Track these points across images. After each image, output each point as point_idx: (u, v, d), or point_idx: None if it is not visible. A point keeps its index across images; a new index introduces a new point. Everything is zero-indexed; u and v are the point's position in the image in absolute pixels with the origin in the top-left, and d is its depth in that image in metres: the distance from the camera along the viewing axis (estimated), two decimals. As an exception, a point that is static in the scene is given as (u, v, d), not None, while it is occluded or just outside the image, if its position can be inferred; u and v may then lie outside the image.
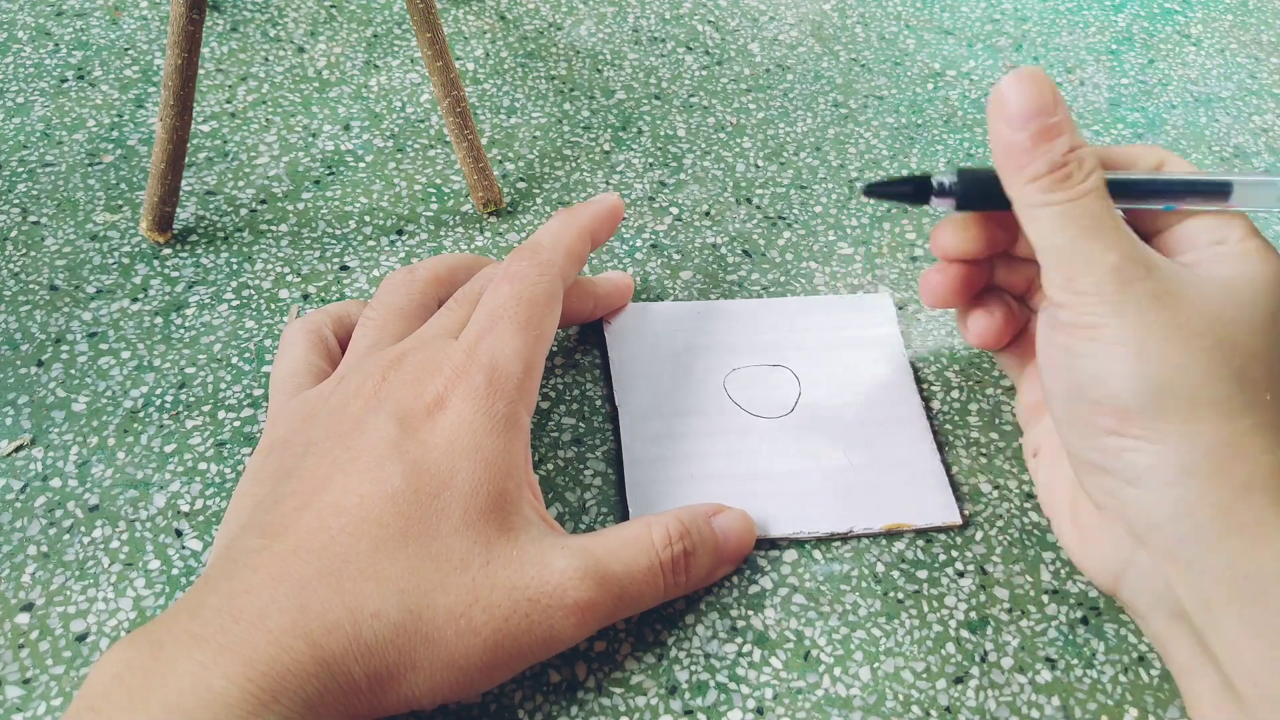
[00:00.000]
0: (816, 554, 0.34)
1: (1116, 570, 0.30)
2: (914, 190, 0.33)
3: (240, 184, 0.44)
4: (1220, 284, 0.29)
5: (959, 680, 0.31)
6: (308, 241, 0.42)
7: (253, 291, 0.40)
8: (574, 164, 0.47)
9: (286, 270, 0.41)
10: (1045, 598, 0.33)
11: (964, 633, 0.32)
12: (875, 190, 0.34)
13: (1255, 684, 0.26)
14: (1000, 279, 0.36)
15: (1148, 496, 0.28)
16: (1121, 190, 0.30)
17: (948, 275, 0.35)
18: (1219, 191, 0.30)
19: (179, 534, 0.33)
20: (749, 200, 0.46)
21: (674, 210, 0.45)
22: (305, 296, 0.40)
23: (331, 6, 0.54)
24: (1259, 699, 0.26)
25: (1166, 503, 0.28)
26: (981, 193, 0.32)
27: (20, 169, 0.44)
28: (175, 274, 0.40)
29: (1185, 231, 0.30)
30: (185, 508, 0.33)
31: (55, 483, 0.34)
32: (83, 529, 0.32)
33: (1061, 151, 0.29)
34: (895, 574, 0.33)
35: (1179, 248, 0.30)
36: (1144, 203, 0.31)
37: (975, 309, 0.35)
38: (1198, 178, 0.30)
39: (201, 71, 0.48)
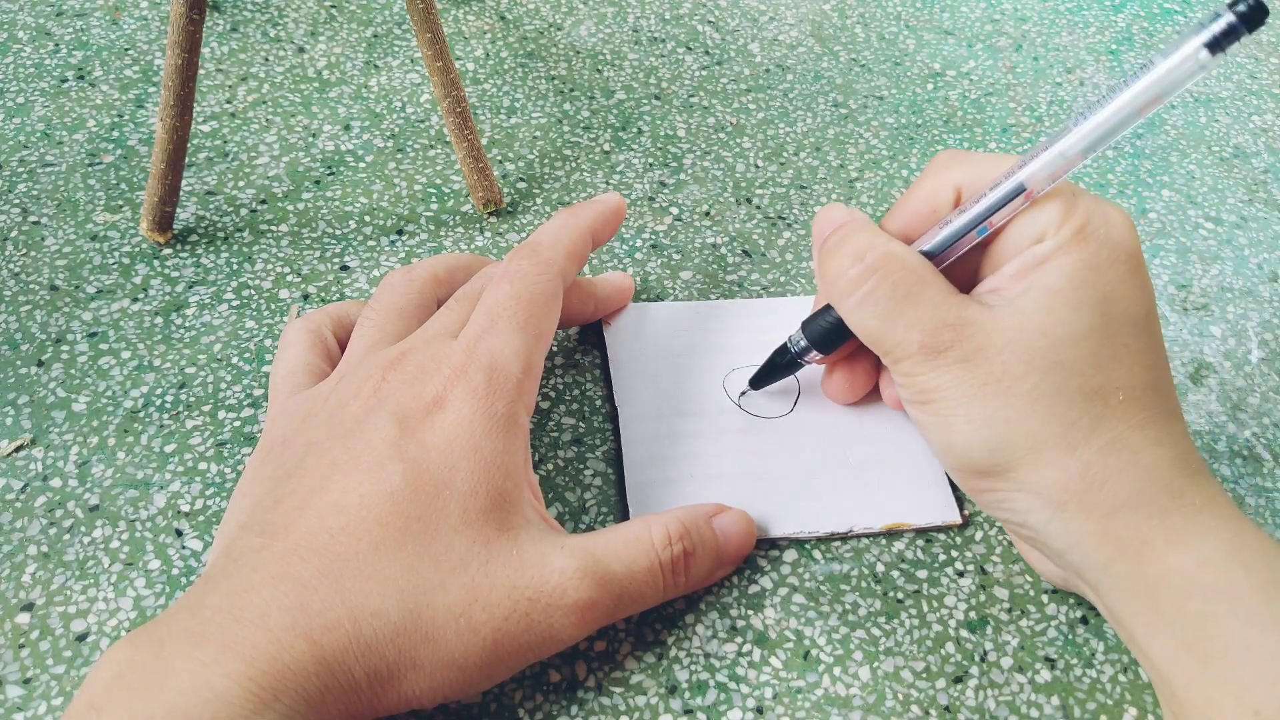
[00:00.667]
0: (816, 554, 0.34)
1: (1063, 583, 0.32)
2: (784, 363, 0.35)
3: (240, 184, 0.44)
4: (1038, 303, 0.28)
5: (959, 680, 0.31)
6: (308, 241, 0.42)
7: (253, 291, 0.40)
8: (574, 164, 0.47)
9: (286, 270, 0.41)
10: (1045, 597, 0.33)
11: (964, 632, 0.32)
12: (757, 384, 0.37)
13: (1172, 685, 0.27)
14: None
15: (1039, 534, 0.29)
16: (932, 254, 0.31)
17: (842, 380, 0.36)
18: (1017, 194, 0.29)
19: (179, 534, 0.33)
20: (749, 200, 0.46)
21: (674, 210, 0.45)
22: (305, 296, 0.40)
23: (331, 6, 0.54)
24: (1181, 698, 0.27)
25: (1055, 537, 0.29)
26: (830, 332, 0.34)
27: (20, 169, 0.44)
28: (175, 274, 0.40)
29: (1007, 240, 0.30)
30: (185, 508, 0.33)
31: (55, 483, 0.34)
32: (83, 529, 0.32)
33: (849, 254, 0.30)
34: (895, 574, 0.33)
35: (1005, 257, 0.30)
36: (960, 246, 0.31)
37: (882, 385, 0.36)
38: (987, 203, 0.30)
39: (202, 71, 0.48)
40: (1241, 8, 0.25)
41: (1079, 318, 0.28)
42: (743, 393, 0.37)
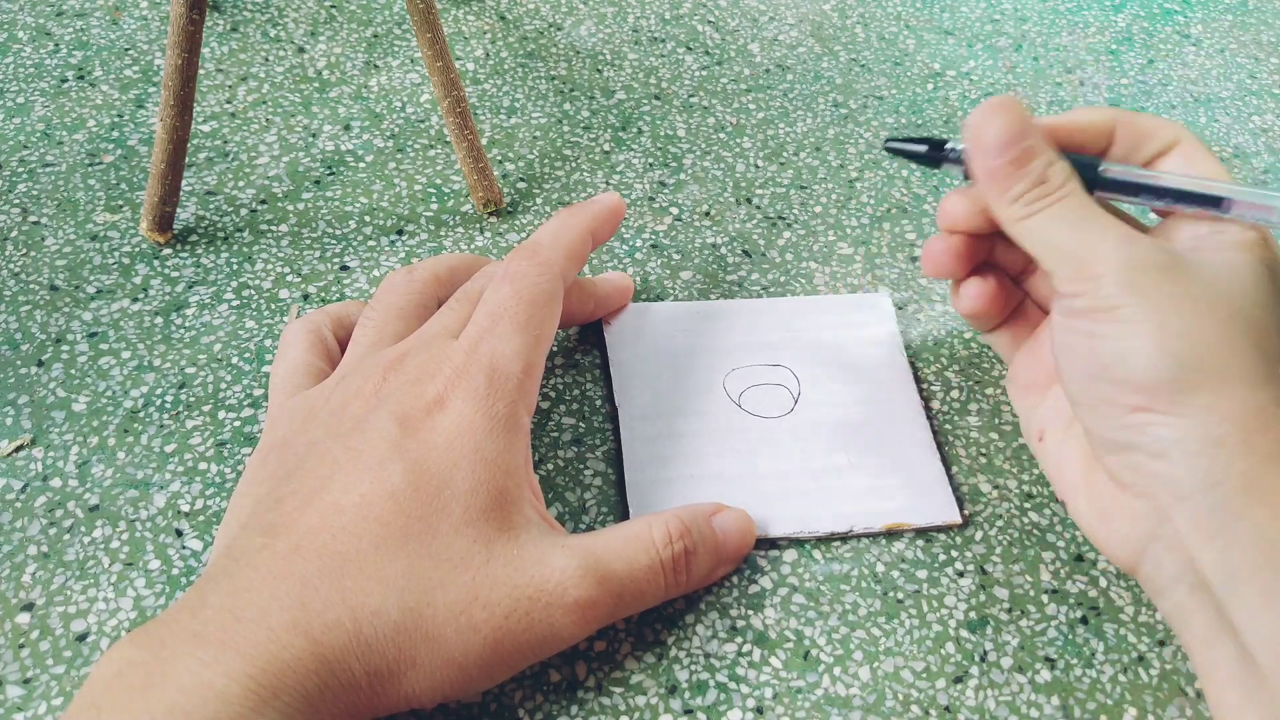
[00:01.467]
0: (816, 554, 0.34)
1: (1138, 546, 0.30)
2: (930, 152, 0.34)
3: (240, 184, 0.44)
4: (1226, 265, 0.29)
5: (959, 680, 0.31)
6: (308, 241, 0.42)
7: (253, 291, 0.40)
8: (574, 164, 0.47)
9: (286, 270, 0.41)
10: (1045, 597, 0.33)
11: (964, 632, 0.32)
12: (894, 146, 0.35)
13: (1275, 653, 0.26)
14: (998, 257, 0.36)
15: (1174, 469, 0.28)
16: (1117, 188, 0.31)
17: (950, 244, 0.35)
18: (1213, 203, 0.30)
19: (179, 534, 0.33)
20: (749, 200, 0.46)
21: (674, 210, 0.45)
22: (305, 296, 0.40)
23: (331, 6, 0.54)
24: (1266, 681, 0.26)
25: (1194, 474, 0.27)
26: None
27: (20, 169, 0.44)
28: (175, 274, 0.40)
29: (1181, 223, 0.31)
30: (185, 508, 0.33)
31: (55, 483, 0.34)
32: (83, 529, 0.32)
33: (1040, 170, 0.30)
34: (895, 574, 0.33)
35: (1177, 236, 0.31)
36: (1135, 200, 0.31)
37: (971, 280, 0.36)
38: (1194, 188, 0.30)
39: (202, 72, 0.48)
40: None
41: (1261, 292, 0.29)
42: (885, 143, 0.36)
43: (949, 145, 0.34)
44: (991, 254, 0.36)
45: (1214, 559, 0.27)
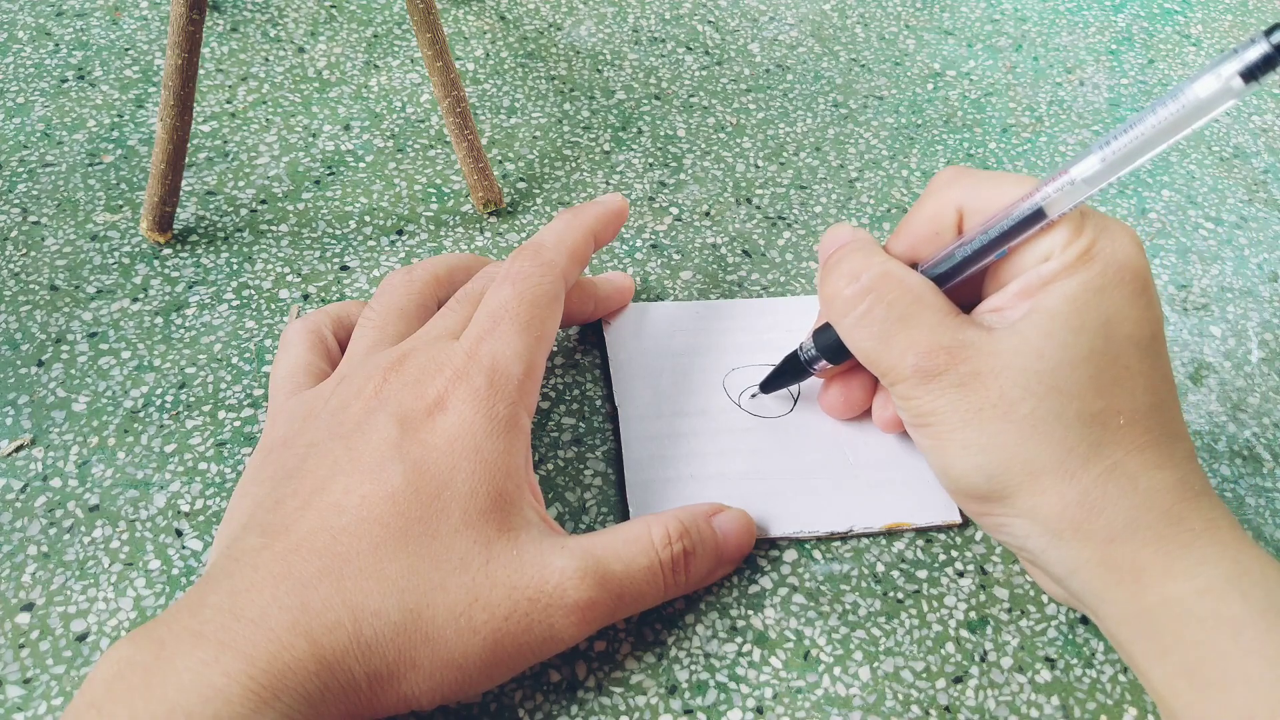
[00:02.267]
0: (816, 554, 0.34)
1: (1067, 600, 0.32)
2: (794, 370, 0.35)
3: (240, 184, 0.44)
4: (1039, 327, 0.28)
5: (959, 680, 0.31)
6: (308, 241, 0.42)
7: (253, 291, 0.40)
8: (574, 164, 0.47)
9: (286, 270, 0.41)
10: (1045, 597, 0.33)
11: (964, 632, 0.32)
12: (767, 389, 0.37)
13: (1169, 710, 0.27)
14: None
15: (1039, 558, 0.29)
16: (944, 276, 0.31)
17: (839, 395, 0.36)
18: (1036, 220, 0.28)
19: (179, 534, 0.33)
20: (749, 200, 0.46)
21: (674, 210, 0.45)
22: (305, 296, 0.40)
23: (331, 6, 0.54)
24: (1175, 713, 0.27)
25: (1054, 563, 0.29)
26: (840, 344, 0.33)
27: (20, 169, 0.44)
28: (175, 274, 0.40)
29: (1014, 258, 0.29)
30: (185, 508, 0.33)
31: (55, 483, 0.34)
32: (83, 529, 0.32)
33: (846, 276, 0.30)
34: (895, 574, 0.33)
35: (1009, 275, 0.29)
36: (973, 269, 0.30)
37: (875, 403, 0.36)
38: (1003, 228, 0.29)
39: (202, 71, 0.48)
40: (1279, 38, 0.23)
41: (1079, 341, 0.28)
42: (752, 395, 0.37)
43: (800, 353, 0.35)
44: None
45: (1103, 629, 0.29)
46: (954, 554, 0.34)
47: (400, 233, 0.43)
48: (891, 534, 0.34)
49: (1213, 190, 0.49)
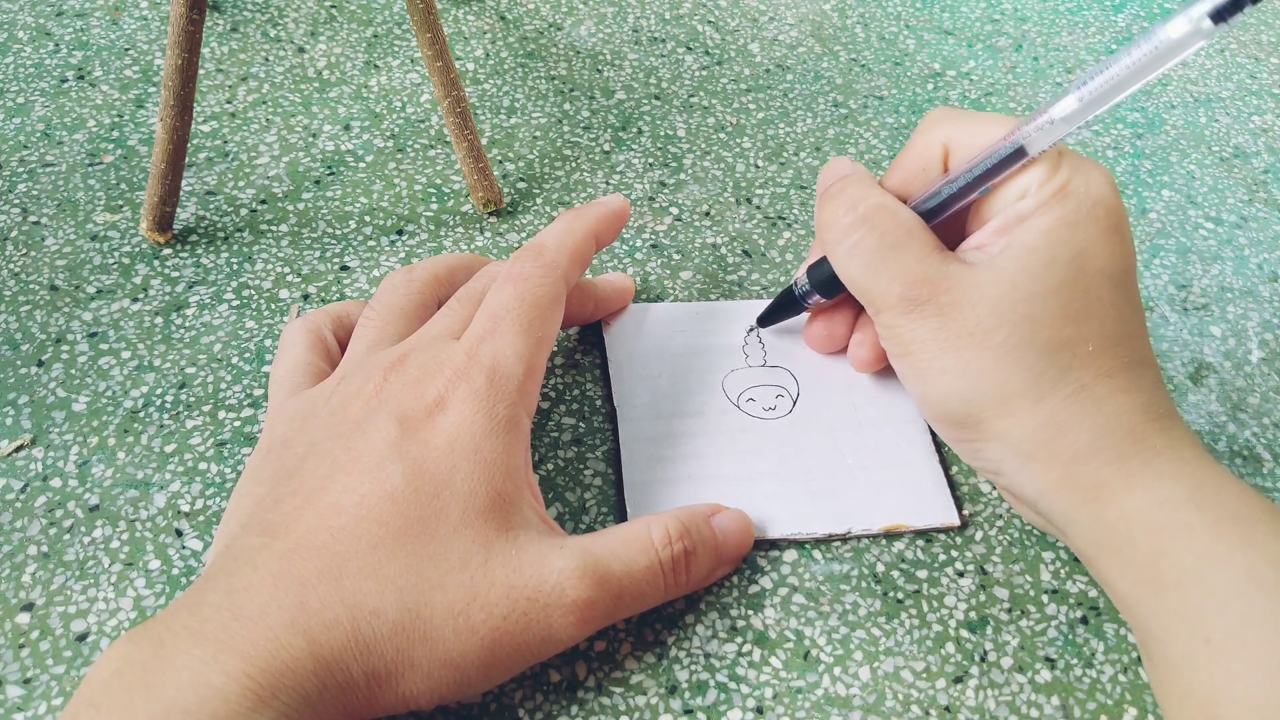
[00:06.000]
0: (816, 554, 0.34)
1: (1045, 526, 0.33)
2: (789, 303, 0.37)
3: (240, 184, 0.44)
4: (1014, 259, 0.30)
5: (959, 680, 0.31)
6: (308, 241, 0.42)
7: (253, 291, 0.40)
8: (574, 164, 0.47)
9: (287, 270, 0.41)
10: (1045, 597, 0.33)
11: (964, 632, 0.32)
12: (764, 322, 0.38)
13: (1135, 620, 0.29)
14: None
15: (1012, 482, 0.31)
16: (929, 211, 0.32)
17: (822, 327, 0.38)
18: (1017, 158, 0.30)
19: (179, 534, 0.33)
20: (749, 200, 0.46)
21: (674, 210, 0.45)
22: (305, 296, 0.40)
23: (331, 6, 0.54)
24: (1140, 632, 0.29)
25: (1025, 486, 0.30)
26: (833, 278, 0.34)
27: (20, 169, 0.44)
28: (175, 274, 0.40)
29: (995, 196, 0.31)
30: (185, 508, 0.33)
31: (55, 483, 0.34)
32: (83, 529, 0.32)
33: (844, 204, 0.32)
34: (895, 574, 0.33)
35: (990, 213, 0.31)
36: (956, 205, 0.32)
37: (851, 341, 0.37)
38: (986, 165, 0.30)
39: (202, 71, 0.48)
40: None
41: (1050, 273, 0.29)
42: (750, 329, 0.38)
43: (795, 287, 0.36)
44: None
45: (1074, 547, 0.31)
46: (954, 554, 0.34)
47: (400, 233, 0.43)
48: (890, 535, 0.34)
49: (1213, 190, 0.49)
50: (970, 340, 0.30)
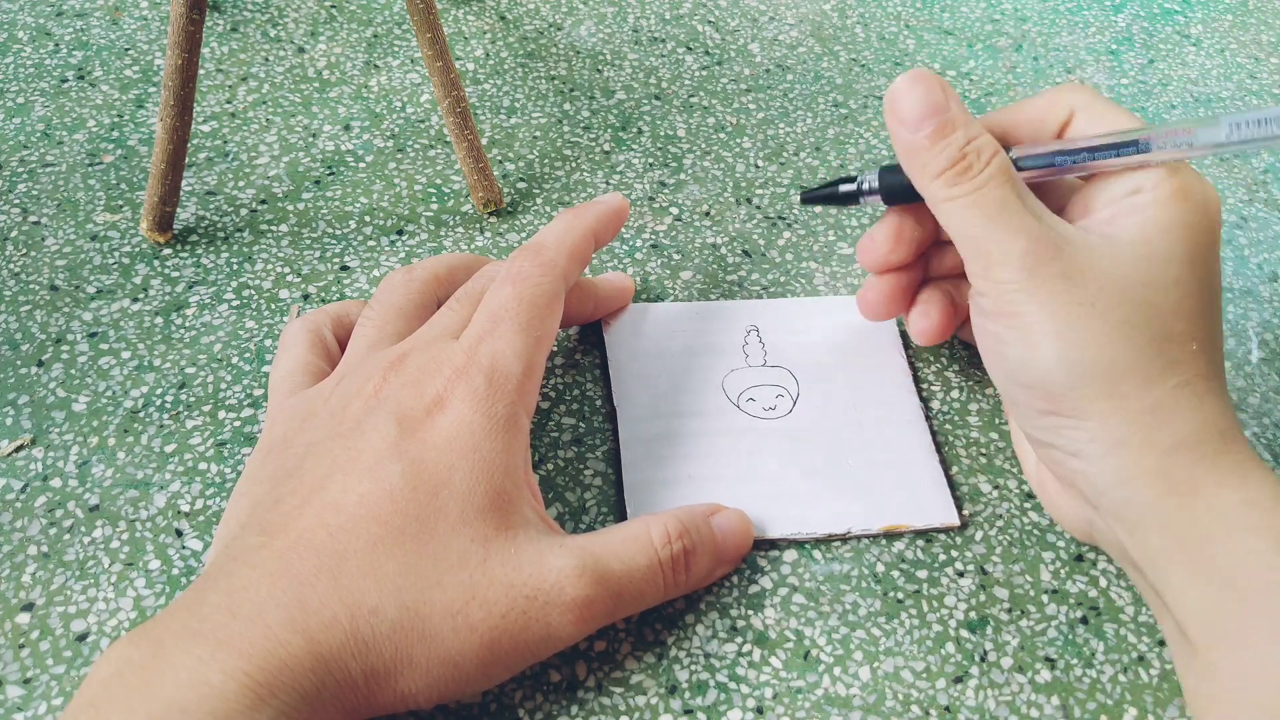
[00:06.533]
0: (816, 554, 0.34)
1: (1085, 528, 0.32)
2: (843, 194, 0.35)
3: (240, 184, 0.44)
4: (1134, 244, 0.29)
5: (959, 680, 0.31)
6: (308, 241, 0.42)
7: (253, 291, 0.40)
8: (574, 164, 0.47)
9: (287, 270, 0.41)
10: (1045, 597, 0.33)
11: (964, 632, 0.32)
12: (811, 197, 0.36)
13: (1201, 629, 0.27)
14: (934, 269, 0.37)
15: (1089, 467, 0.29)
16: (1032, 164, 0.31)
17: (882, 288, 0.36)
18: (1137, 150, 0.30)
19: (179, 534, 0.33)
20: (749, 200, 0.46)
21: (674, 210, 0.45)
22: (305, 296, 0.40)
23: (332, 6, 0.54)
24: (1206, 643, 0.27)
25: (1106, 473, 0.29)
26: (902, 188, 0.33)
27: (20, 169, 0.44)
28: (175, 274, 0.40)
29: (1101, 188, 0.31)
30: (185, 508, 0.33)
31: (55, 483, 0.34)
32: (83, 529, 0.32)
33: (959, 145, 0.30)
34: (895, 574, 0.33)
35: (1096, 204, 0.31)
36: (1063, 172, 0.31)
37: (914, 310, 0.36)
38: (1108, 140, 0.30)
39: (202, 71, 0.48)
40: None
41: (1170, 268, 0.29)
42: (800, 198, 0.37)
43: (859, 181, 0.35)
44: (926, 272, 0.37)
45: (1137, 546, 0.29)
46: (954, 554, 0.34)
47: (400, 233, 0.43)
48: (890, 535, 0.34)
49: (1213, 190, 0.49)
50: (1090, 311, 0.29)
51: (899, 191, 0.34)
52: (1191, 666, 0.28)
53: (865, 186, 0.35)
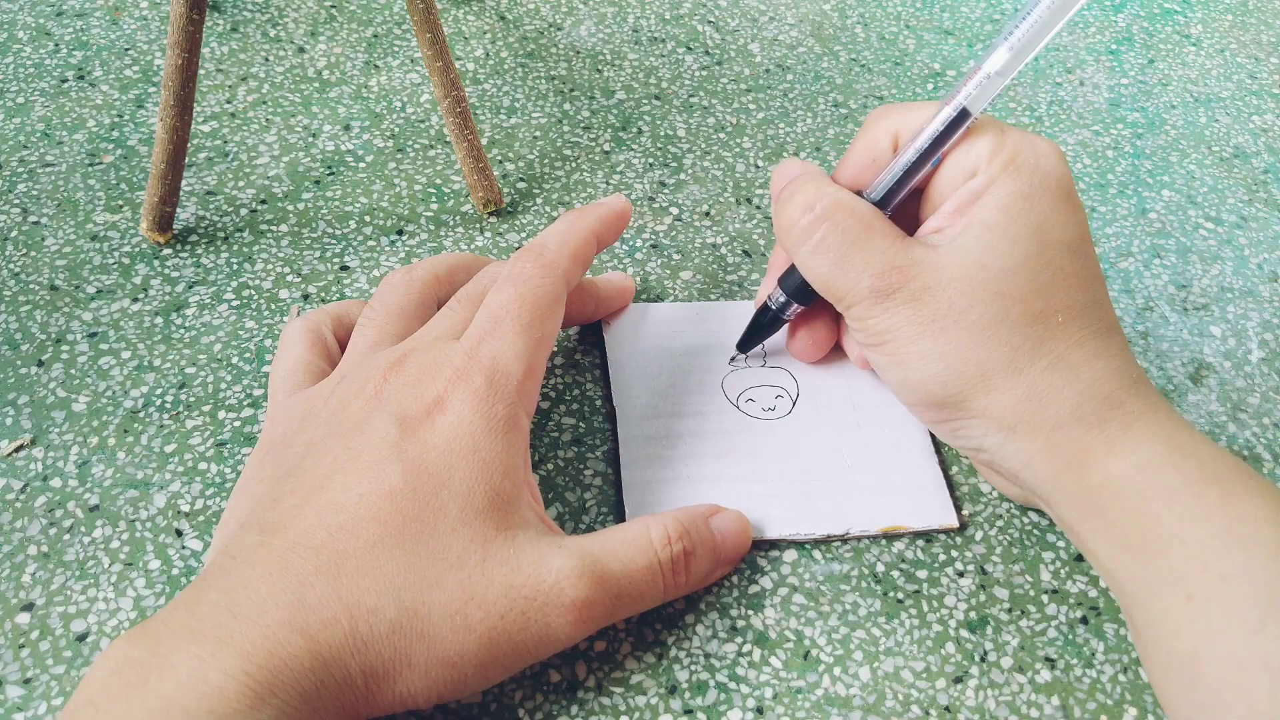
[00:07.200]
0: (816, 554, 0.34)
1: (1023, 500, 0.34)
2: (767, 321, 0.36)
3: (240, 184, 0.44)
4: (978, 238, 0.30)
5: (959, 680, 0.31)
6: (308, 241, 0.42)
7: (253, 291, 0.40)
8: (574, 164, 0.47)
9: (286, 270, 0.41)
10: (1045, 597, 0.33)
11: (964, 632, 0.32)
12: (747, 344, 0.38)
13: (1118, 588, 0.29)
14: None
15: (995, 456, 0.31)
16: (883, 199, 0.32)
17: (816, 340, 0.37)
18: (960, 122, 0.31)
19: (179, 534, 0.33)
20: (749, 200, 0.46)
21: (674, 210, 0.45)
22: (305, 296, 0.40)
23: (331, 6, 0.54)
24: (1126, 602, 0.29)
25: (1008, 458, 0.31)
26: (801, 281, 0.34)
27: (20, 169, 0.44)
28: (175, 274, 0.40)
29: (943, 179, 0.32)
30: (185, 508, 0.33)
31: (55, 483, 0.34)
32: (83, 529, 0.32)
33: (798, 204, 0.32)
34: (895, 574, 0.33)
35: (942, 196, 0.32)
36: (908, 183, 0.32)
37: (798, 330, 0.38)
38: (931, 136, 0.31)
39: (202, 71, 0.48)
40: None
41: (1015, 249, 0.30)
42: (732, 359, 0.38)
43: (771, 300, 0.36)
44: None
45: (1057, 518, 0.31)
46: (954, 554, 0.34)
47: (400, 233, 0.43)
48: (890, 536, 0.34)
49: (1213, 190, 0.49)
50: (945, 322, 0.30)
51: (803, 286, 0.34)
52: (1127, 609, 0.29)
53: (778, 300, 0.36)
